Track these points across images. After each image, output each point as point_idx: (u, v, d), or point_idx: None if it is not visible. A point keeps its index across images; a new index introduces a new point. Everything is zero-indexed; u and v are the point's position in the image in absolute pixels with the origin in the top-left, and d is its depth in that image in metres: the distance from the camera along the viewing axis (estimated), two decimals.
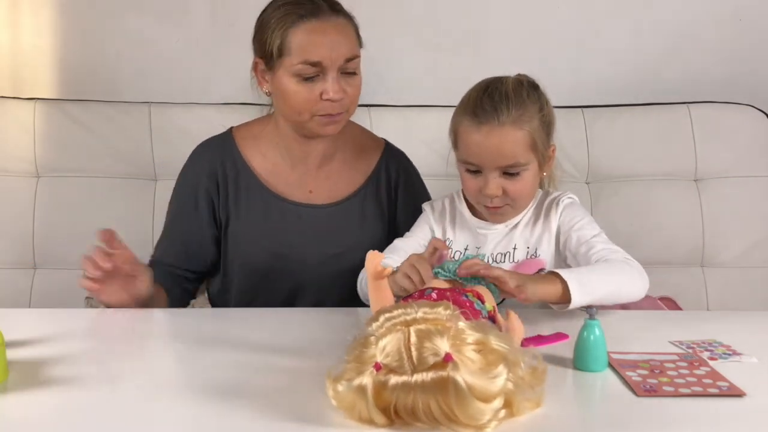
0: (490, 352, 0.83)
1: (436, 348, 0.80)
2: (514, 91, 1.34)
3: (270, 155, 1.57)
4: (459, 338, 0.82)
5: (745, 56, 2.19)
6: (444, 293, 1.07)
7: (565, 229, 1.40)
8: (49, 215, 1.91)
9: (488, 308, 1.09)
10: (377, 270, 1.01)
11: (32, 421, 0.89)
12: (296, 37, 1.41)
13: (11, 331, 1.07)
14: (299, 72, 1.42)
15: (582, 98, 2.09)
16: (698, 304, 1.95)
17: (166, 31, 2.13)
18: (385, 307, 0.87)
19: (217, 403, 0.92)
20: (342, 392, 0.83)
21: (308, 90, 1.43)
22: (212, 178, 1.56)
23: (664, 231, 1.97)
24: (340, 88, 1.43)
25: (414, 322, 0.83)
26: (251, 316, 1.40)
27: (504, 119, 1.32)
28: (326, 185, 1.58)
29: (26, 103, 1.95)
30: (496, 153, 1.33)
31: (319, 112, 1.44)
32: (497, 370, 0.82)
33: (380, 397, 0.81)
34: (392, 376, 0.80)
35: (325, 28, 1.42)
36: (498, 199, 1.37)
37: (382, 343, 0.82)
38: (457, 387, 0.78)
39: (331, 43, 1.41)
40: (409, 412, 0.81)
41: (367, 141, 1.65)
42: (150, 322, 1.35)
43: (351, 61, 1.44)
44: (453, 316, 0.85)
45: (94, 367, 1.04)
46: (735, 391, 0.96)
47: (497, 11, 2.17)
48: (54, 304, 1.83)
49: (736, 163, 2.00)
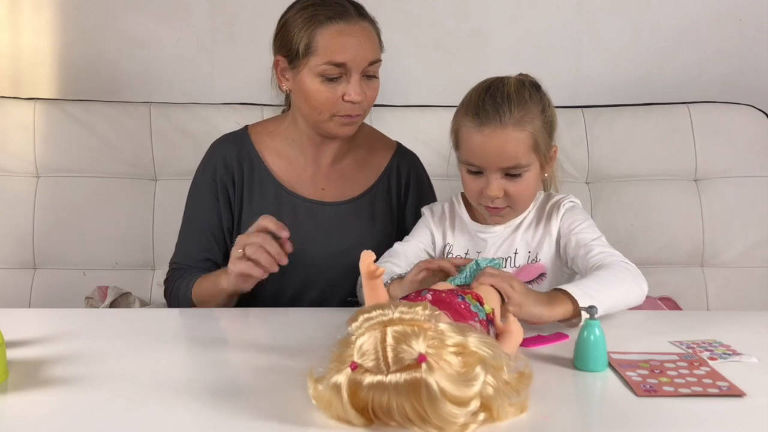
0: (469, 355, 0.82)
1: (411, 349, 0.80)
2: (516, 91, 1.33)
3: (284, 152, 1.59)
4: (438, 339, 0.82)
5: (745, 56, 2.19)
6: (440, 295, 1.05)
7: (565, 233, 1.39)
8: (49, 215, 1.91)
9: (487, 310, 1.08)
10: (370, 269, 1.00)
11: (32, 421, 0.89)
12: (323, 38, 1.43)
13: (11, 331, 1.07)
14: (324, 72, 1.44)
15: (582, 98, 2.10)
16: (698, 304, 1.95)
17: (166, 31, 2.13)
18: (364, 307, 0.87)
19: (218, 403, 0.92)
20: (320, 391, 0.84)
21: (331, 90, 1.45)
22: (228, 170, 1.57)
23: (664, 231, 1.97)
24: (362, 91, 1.45)
25: (391, 323, 0.83)
26: (252, 316, 1.40)
27: (506, 120, 1.31)
28: (338, 183, 1.60)
29: (26, 103, 1.95)
30: (499, 154, 1.32)
31: (339, 113, 1.47)
32: (474, 374, 0.81)
33: (356, 397, 0.81)
34: (367, 376, 0.80)
35: (352, 30, 1.44)
36: (499, 201, 1.36)
37: (359, 342, 0.82)
38: (429, 389, 0.78)
39: (356, 46, 1.44)
40: (385, 411, 0.81)
41: (379, 141, 1.67)
42: (150, 322, 1.35)
43: (373, 64, 1.47)
44: (432, 316, 0.84)
45: (94, 367, 1.04)
46: (735, 391, 0.96)
47: (497, 11, 2.17)
48: (54, 304, 1.84)
49: (736, 163, 2.00)
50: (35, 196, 1.91)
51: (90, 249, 1.91)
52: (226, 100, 2.03)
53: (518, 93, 1.33)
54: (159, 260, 1.93)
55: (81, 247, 1.91)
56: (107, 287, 1.79)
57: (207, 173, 1.60)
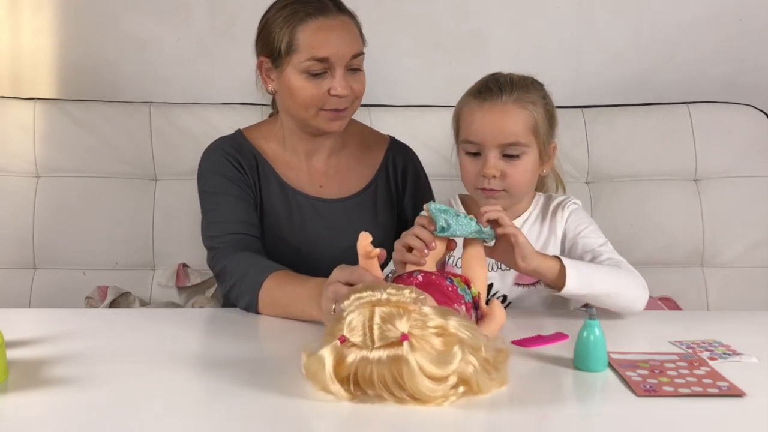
0: (449, 336, 0.90)
1: (395, 328, 0.88)
2: (519, 79, 1.39)
3: (279, 153, 1.59)
4: (421, 321, 0.89)
5: (745, 56, 2.19)
6: (429, 277, 1.13)
7: (571, 236, 1.41)
8: (49, 215, 1.90)
9: (474, 293, 1.14)
10: (366, 250, 1.10)
11: (32, 421, 0.89)
12: (304, 35, 1.44)
13: (11, 331, 1.07)
14: (307, 68, 1.45)
15: (582, 98, 2.10)
16: (698, 304, 1.95)
17: (166, 31, 2.13)
18: (356, 287, 0.95)
19: (218, 403, 0.92)
20: (308, 362, 0.91)
21: (316, 86, 1.45)
22: (237, 163, 1.53)
23: (664, 231, 1.97)
24: (347, 84, 1.46)
25: (379, 303, 0.90)
26: (252, 315, 1.40)
27: (506, 98, 1.35)
28: (335, 180, 1.60)
29: (26, 103, 1.95)
30: (498, 129, 1.34)
31: (326, 107, 1.47)
32: (452, 353, 0.88)
33: (341, 367, 0.89)
34: (354, 349, 0.88)
35: (333, 25, 1.45)
36: (495, 182, 1.36)
37: (348, 318, 0.90)
38: (409, 366, 0.86)
39: (338, 40, 1.45)
40: (367, 382, 0.88)
41: (372, 137, 1.68)
42: (150, 321, 1.35)
43: (357, 57, 1.47)
44: (418, 299, 0.91)
45: (94, 367, 1.04)
46: (735, 391, 0.96)
47: (497, 11, 2.17)
48: (54, 304, 1.84)
49: (736, 163, 2.00)
50: (35, 196, 1.90)
51: (90, 249, 1.90)
52: (226, 100, 2.03)
53: (521, 80, 1.39)
54: (159, 260, 1.93)
55: (81, 247, 1.91)
56: (107, 287, 1.79)
57: (217, 164, 1.52)
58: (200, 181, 1.55)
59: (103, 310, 1.64)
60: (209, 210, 1.52)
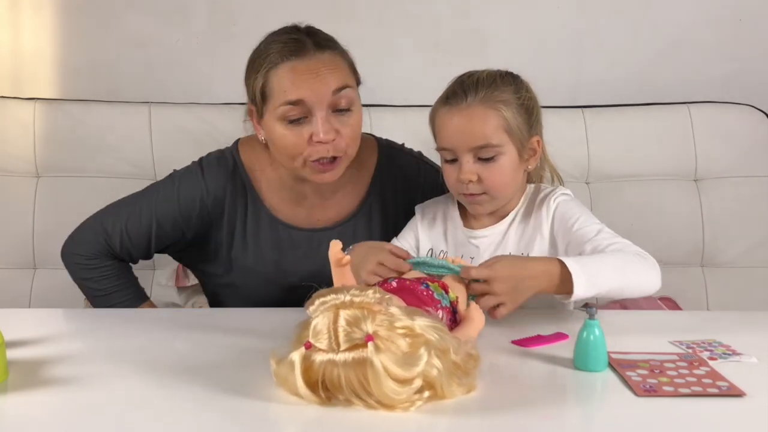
0: (416, 337, 0.88)
1: (360, 330, 0.87)
2: (487, 77, 1.34)
3: (274, 183, 1.50)
4: (387, 321, 0.88)
5: (745, 56, 2.19)
6: (404, 282, 1.12)
7: (563, 233, 1.34)
8: (49, 215, 1.91)
9: (451, 297, 1.13)
10: (337, 257, 1.09)
11: (32, 421, 0.89)
12: (276, 78, 1.35)
13: (11, 331, 1.07)
14: (284, 114, 1.35)
15: (582, 98, 2.10)
16: (698, 304, 1.95)
17: (166, 31, 2.13)
18: (320, 291, 0.94)
19: (219, 403, 0.92)
20: (279, 368, 0.91)
21: (296, 134, 1.35)
22: (218, 201, 1.48)
23: (664, 231, 1.97)
24: (330, 128, 1.34)
25: (343, 306, 0.89)
26: (252, 315, 1.40)
27: (471, 100, 1.31)
28: (333, 211, 1.53)
29: (26, 103, 1.95)
30: (467, 133, 1.31)
31: (312, 157, 1.36)
32: (417, 355, 0.87)
33: (309, 373, 0.88)
34: (320, 354, 0.87)
35: (307, 65, 1.34)
36: (474, 186, 1.32)
37: (313, 323, 0.89)
38: (374, 367, 0.85)
39: (311, 81, 1.33)
40: (336, 386, 0.87)
41: (361, 150, 1.53)
42: (150, 321, 1.35)
43: (340, 92, 1.35)
44: (383, 300, 0.90)
45: (94, 367, 1.04)
46: (735, 391, 0.96)
47: (497, 11, 2.17)
48: (54, 304, 1.83)
49: (736, 163, 2.00)
50: (35, 196, 1.91)
51: None
52: (226, 100, 2.03)
53: (488, 78, 1.34)
54: (159, 260, 1.93)
55: None
56: None
57: (185, 191, 1.48)
58: (166, 178, 1.51)
59: (103, 310, 1.63)
60: (132, 207, 1.49)
